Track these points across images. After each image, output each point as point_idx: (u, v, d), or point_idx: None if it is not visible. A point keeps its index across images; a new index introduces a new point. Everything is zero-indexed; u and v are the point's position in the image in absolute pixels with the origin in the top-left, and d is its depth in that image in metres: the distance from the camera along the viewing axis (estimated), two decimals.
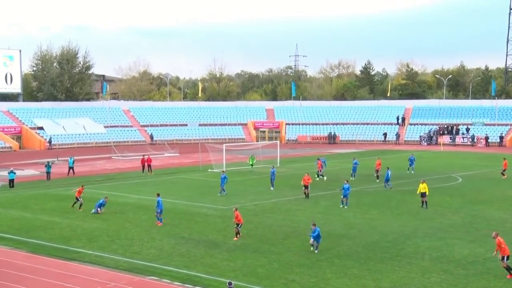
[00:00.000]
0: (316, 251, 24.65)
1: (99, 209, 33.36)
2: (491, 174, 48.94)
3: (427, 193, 34.94)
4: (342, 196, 35.17)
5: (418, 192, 35.42)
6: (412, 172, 51.02)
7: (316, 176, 45.89)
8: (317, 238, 24.79)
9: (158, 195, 31.31)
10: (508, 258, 21.46)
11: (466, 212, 33.89)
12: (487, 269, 22.35)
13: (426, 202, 34.75)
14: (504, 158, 50.30)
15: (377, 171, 46.16)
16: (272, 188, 41.96)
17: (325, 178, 46.32)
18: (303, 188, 37.84)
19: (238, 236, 27.24)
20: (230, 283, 17.06)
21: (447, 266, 23.09)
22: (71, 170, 50.58)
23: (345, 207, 34.67)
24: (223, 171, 42.98)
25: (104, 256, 24.56)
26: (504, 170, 48.21)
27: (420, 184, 35.28)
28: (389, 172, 42.10)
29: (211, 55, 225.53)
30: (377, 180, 45.17)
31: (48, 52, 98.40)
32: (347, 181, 36.46)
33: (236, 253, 24.87)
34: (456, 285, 20.94)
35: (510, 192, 40.85)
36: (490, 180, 46.75)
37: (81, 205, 34.64)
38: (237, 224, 27.27)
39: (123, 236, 28.15)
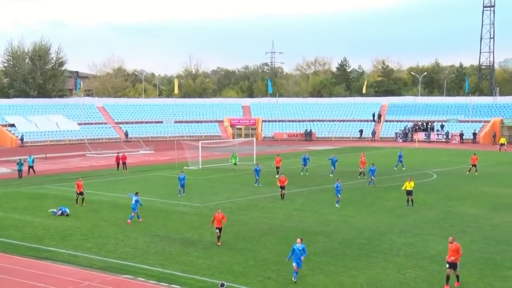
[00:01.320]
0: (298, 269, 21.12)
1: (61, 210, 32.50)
2: (466, 170, 49.37)
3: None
4: (338, 195, 34.74)
5: (403, 188, 34.96)
6: (396, 168, 51.16)
7: (276, 173, 45.70)
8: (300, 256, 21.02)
9: (136, 193, 31.06)
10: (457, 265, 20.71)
11: (440, 208, 34.17)
12: (461, 265, 22.45)
13: (412, 200, 34.59)
14: (474, 154, 50.46)
15: (363, 169, 45.94)
16: (259, 184, 41.87)
17: (277, 176, 43.46)
18: (280, 189, 37.50)
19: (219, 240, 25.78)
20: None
21: (422, 262, 23.24)
22: (31, 169, 49.52)
23: (337, 205, 34.36)
24: (182, 171, 40.88)
25: (77, 255, 24.18)
26: (474, 165, 48.52)
27: (407, 182, 34.87)
28: (373, 168, 42.05)
29: (187, 52, 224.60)
30: (364, 177, 44.65)
31: (20, 47, 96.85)
32: (338, 180, 36.25)
33: (212, 251, 24.70)
34: (430, 280, 21.08)
35: (484, 189, 41.34)
36: (465, 177, 47.23)
37: (83, 199, 34.23)
38: (218, 229, 25.62)
39: (97, 234, 27.77)
